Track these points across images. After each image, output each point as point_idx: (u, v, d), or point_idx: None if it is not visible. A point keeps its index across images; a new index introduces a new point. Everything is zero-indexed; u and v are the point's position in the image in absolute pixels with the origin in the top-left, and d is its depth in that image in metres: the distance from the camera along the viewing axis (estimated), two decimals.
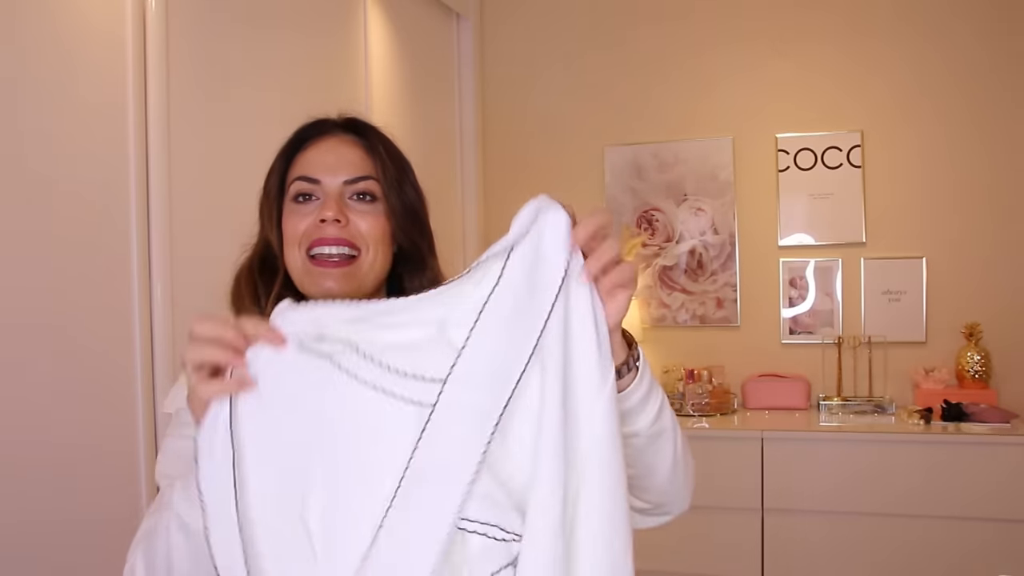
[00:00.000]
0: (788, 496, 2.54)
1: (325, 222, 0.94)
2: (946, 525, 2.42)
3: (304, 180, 0.97)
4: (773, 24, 3.03)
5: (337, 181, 0.96)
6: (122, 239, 1.59)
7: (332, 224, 0.94)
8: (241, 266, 1.03)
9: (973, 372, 2.75)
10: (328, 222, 0.94)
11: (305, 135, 1.01)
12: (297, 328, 0.76)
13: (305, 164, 0.98)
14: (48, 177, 1.45)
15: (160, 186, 1.65)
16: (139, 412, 1.62)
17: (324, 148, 0.98)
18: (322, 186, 0.96)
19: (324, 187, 0.96)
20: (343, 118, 1.03)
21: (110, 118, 1.57)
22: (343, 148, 0.98)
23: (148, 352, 1.63)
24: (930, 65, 2.89)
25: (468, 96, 3.18)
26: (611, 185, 3.19)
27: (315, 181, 0.96)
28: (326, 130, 1.01)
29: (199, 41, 1.79)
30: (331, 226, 0.94)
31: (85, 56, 1.52)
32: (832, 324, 2.98)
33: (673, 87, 3.14)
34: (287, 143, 1.02)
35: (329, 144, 0.99)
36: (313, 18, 2.24)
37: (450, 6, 3.03)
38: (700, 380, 2.87)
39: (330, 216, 0.93)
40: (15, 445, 1.37)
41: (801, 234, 3.02)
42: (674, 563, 2.63)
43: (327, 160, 0.97)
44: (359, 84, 2.44)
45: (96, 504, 1.52)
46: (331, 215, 0.93)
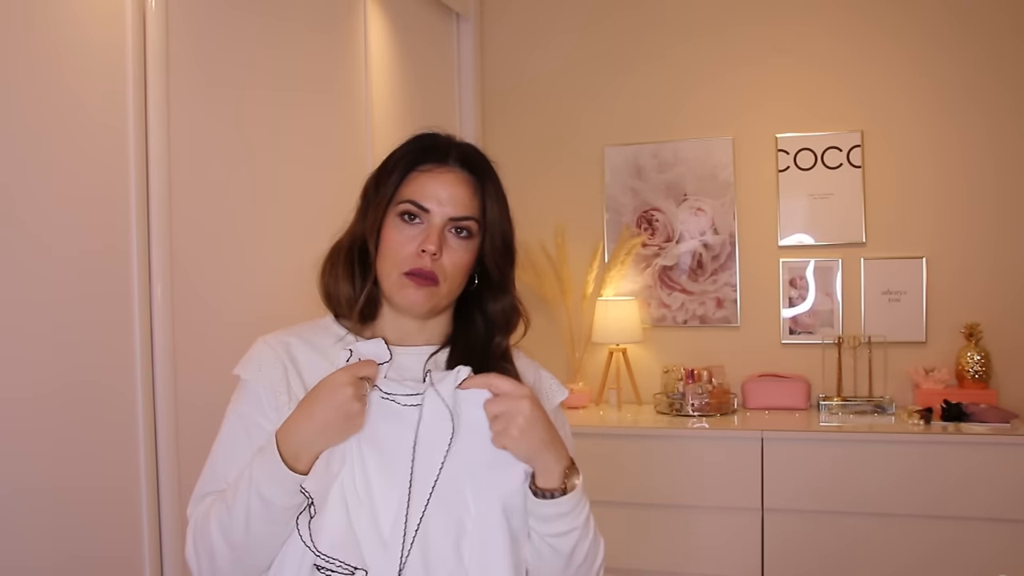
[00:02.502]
0: (788, 496, 2.54)
1: (424, 253, 1.05)
2: (946, 525, 2.42)
3: (415, 205, 1.07)
4: (773, 24, 3.03)
5: (444, 215, 1.07)
6: (122, 240, 1.59)
7: (429, 256, 1.05)
8: (339, 243, 1.13)
9: (973, 372, 2.75)
10: (427, 253, 1.05)
11: (426, 154, 1.10)
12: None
13: (420, 189, 1.08)
14: (48, 178, 1.44)
15: (160, 186, 1.65)
16: (139, 412, 1.62)
17: (440, 180, 1.08)
18: (430, 215, 1.07)
19: (431, 217, 1.07)
20: (459, 151, 1.12)
21: (110, 119, 1.57)
22: (457, 186, 1.09)
23: (148, 352, 1.63)
24: (930, 65, 2.89)
25: (468, 96, 3.18)
26: (611, 185, 3.19)
27: (425, 210, 1.07)
28: (445, 159, 1.10)
29: (199, 41, 1.79)
30: (427, 258, 1.05)
31: (85, 57, 1.52)
32: (832, 324, 2.98)
33: (673, 87, 3.14)
34: (408, 152, 1.11)
35: (446, 179, 1.08)
36: (313, 18, 2.24)
37: (450, 6, 3.04)
38: (700, 380, 2.87)
39: (430, 249, 1.05)
40: (15, 444, 1.37)
41: (801, 234, 3.02)
42: (674, 563, 2.63)
43: (440, 194, 1.07)
44: (359, 84, 2.44)
45: (97, 502, 1.52)
46: (431, 248, 1.05)
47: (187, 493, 1.65)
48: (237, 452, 1.04)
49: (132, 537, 1.60)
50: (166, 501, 1.65)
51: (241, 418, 1.06)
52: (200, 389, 1.71)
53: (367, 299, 1.10)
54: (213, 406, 1.19)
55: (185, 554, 1.04)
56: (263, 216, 1.98)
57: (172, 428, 1.66)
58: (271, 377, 1.05)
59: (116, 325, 1.58)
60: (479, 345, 1.12)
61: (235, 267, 1.88)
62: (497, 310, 1.14)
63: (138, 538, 1.61)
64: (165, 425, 1.65)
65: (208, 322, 1.77)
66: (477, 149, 1.15)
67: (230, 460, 1.04)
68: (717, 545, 2.59)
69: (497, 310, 1.14)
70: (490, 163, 1.14)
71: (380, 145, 2.47)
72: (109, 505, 1.55)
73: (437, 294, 1.07)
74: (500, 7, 3.32)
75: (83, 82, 1.52)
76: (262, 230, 1.97)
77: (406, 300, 1.06)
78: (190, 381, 1.70)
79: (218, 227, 1.83)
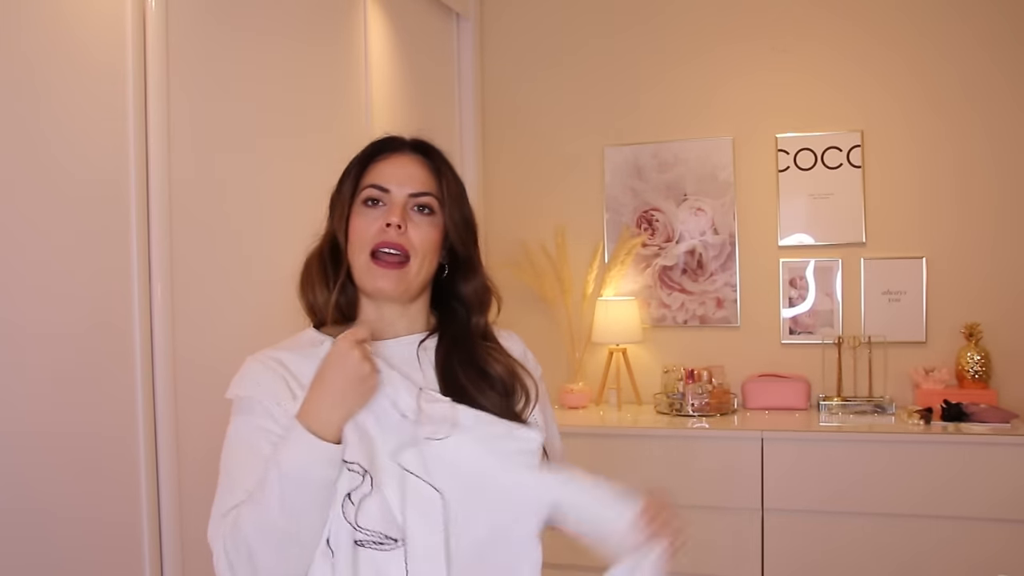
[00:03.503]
0: (788, 496, 2.54)
1: (389, 226, 1.09)
2: (946, 525, 2.42)
3: (375, 188, 1.13)
4: (773, 24, 3.03)
5: (403, 192, 1.12)
6: (122, 240, 1.59)
7: (394, 229, 1.09)
8: (312, 253, 1.17)
9: (973, 372, 2.75)
10: (392, 226, 1.09)
11: (380, 148, 1.17)
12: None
13: (378, 174, 1.14)
14: (48, 178, 1.44)
15: (160, 187, 1.65)
16: (139, 411, 1.61)
17: (396, 163, 1.15)
18: (390, 195, 1.12)
19: (392, 196, 1.12)
20: (413, 139, 1.19)
21: (110, 119, 1.57)
22: (412, 166, 1.15)
23: (148, 352, 1.63)
24: (930, 65, 2.89)
25: (468, 96, 3.18)
26: (611, 185, 3.19)
27: (385, 190, 1.12)
28: (399, 147, 1.17)
29: (199, 41, 1.79)
30: (393, 230, 1.09)
31: (85, 57, 1.52)
32: (832, 324, 2.98)
33: (673, 87, 3.14)
34: (364, 152, 1.18)
35: (400, 160, 1.15)
36: (313, 18, 2.24)
37: (450, 6, 3.04)
38: (700, 380, 2.87)
39: (394, 221, 1.09)
40: (15, 445, 1.37)
41: (801, 234, 3.02)
42: (674, 563, 2.63)
43: (397, 174, 1.13)
44: (359, 84, 2.44)
45: (96, 503, 1.52)
46: (395, 220, 1.09)
47: (187, 489, 1.67)
48: (256, 461, 1.01)
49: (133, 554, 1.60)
50: (166, 502, 1.65)
51: (254, 430, 1.04)
52: (201, 389, 1.70)
53: (349, 300, 1.14)
54: (214, 406, 1.19)
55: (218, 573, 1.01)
56: (263, 216, 1.98)
57: (172, 429, 1.66)
58: (272, 389, 1.05)
59: (116, 325, 1.57)
60: (462, 330, 1.17)
61: (235, 267, 1.87)
62: (469, 291, 1.18)
63: (139, 561, 1.61)
64: (165, 425, 1.65)
65: (208, 321, 1.77)
66: (430, 141, 1.20)
67: (249, 470, 1.02)
68: (717, 545, 2.59)
69: (469, 291, 1.18)
70: (441, 151, 1.20)
71: None
72: (107, 504, 1.55)
73: (407, 274, 1.10)
74: (500, 7, 3.31)
75: (83, 83, 1.51)
76: (262, 230, 1.97)
77: (374, 284, 1.09)
78: (191, 380, 1.70)
79: (218, 227, 1.83)
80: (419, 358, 1.13)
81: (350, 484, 0.98)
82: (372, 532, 0.97)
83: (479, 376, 1.12)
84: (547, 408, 1.24)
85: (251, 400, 1.06)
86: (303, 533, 0.98)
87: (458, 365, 1.12)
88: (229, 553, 0.98)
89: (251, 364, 1.09)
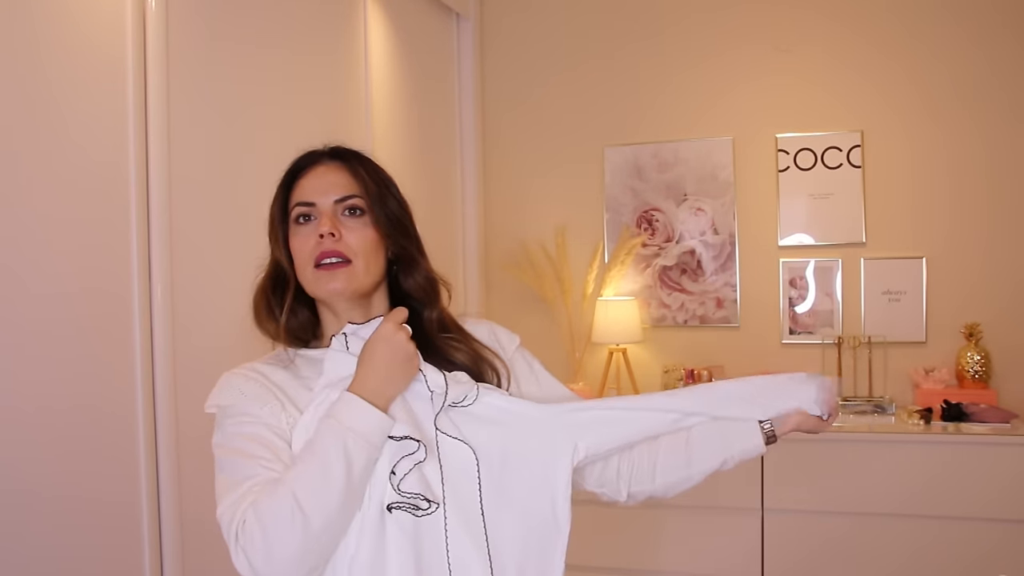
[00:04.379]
0: (788, 496, 2.54)
1: (323, 237, 1.10)
2: (946, 525, 2.42)
3: (302, 205, 1.13)
4: (773, 25, 3.03)
5: (328, 201, 1.13)
6: (122, 240, 1.59)
7: (328, 238, 1.10)
8: (258, 286, 1.18)
9: (973, 372, 2.75)
10: (325, 236, 1.10)
11: (299, 166, 1.18)
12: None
13: (301, 191, 1.15)
14: (49, 177, 1.45)
15: (160, 187, 1.65)
16: (139, 411, 1.62)
17: (315, 175, 1.15)
18: (317, 207, 1.13)
19: (319, 208, 1.13)
20: (329, 148, 1.19)
21: (110, 119, 1.57)
22: (331, 174, 1.15)
23: (148, 352, 1.63)
24: (930, 65, 2.89)
25: (468, 96, 3.18)
26: (611, 185, 3.19)
27: (311, 204, 1.13)
28: (316, 160, 1.17)
29: (199, 41, 1.79)
30: (328, 240, 1.10)
31: (85, 57, 1.52)
32: (832, 324, 2.98)
33: (673, 87, 3.14)
34: (285, 175, 1.19)
35: (319, 171, 1.16)
36: (313, 18, 2.24)
37: (450, 6, 3.04)
38: (700, 380, 2.87)
39: (326, 230, 1.10)
40: (16, 441, 1.37)
41: (801, 234, 3.02)
42: (674, 563, 2.63)
43: (318, 185, 1.14)
44: (359, 84, 2.44)
45: (96, 494, 1.52)
46: (326, 229, 1.10)
47: (187, 494, 1.67)
48: (256, 450, 1.01)
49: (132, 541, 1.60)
50: (166, 502, 1.65)
51: (247, 426, 1.04)
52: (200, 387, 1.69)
53: (298, 322, 1.15)
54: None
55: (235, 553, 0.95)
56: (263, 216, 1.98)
57: (173, 429, 1.66)
58: (257, 394, 1.06)
59: (116, 324, 1.57)
60: (418, 327, 1.14)
61: (235, 267, 1.87)
62: (412, 285, 1.17)
63: (138, 544, 1.61)
64: (165, 426, 1.65)
65: (208, 321, 1.77)
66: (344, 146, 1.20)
67: (253, 460, 1.00)
68: (717, 545, 2.59)
69: (412, 285, 1.17)
70: (359, 151, 1.20)
71: (380, 145, 2.47)
72: (108, 505, 1.55)
73: (354, 273, 1.10)
74: (500, 7, 3.31)
75: (83, 81, 1.51)
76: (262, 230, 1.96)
77: (325, 289, 1.10)
78: (191, 380, 1.70)
79: (219, 227, 1.83)
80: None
81: (400, 452, 1.01)
82: (412, 495, 0.99)
83: (444, 365, 1.11)
84: (538, 373, 1.24)
85: (235, 407, 1.06)
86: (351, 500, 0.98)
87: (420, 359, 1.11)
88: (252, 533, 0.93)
89: (229, 377, 1.09)
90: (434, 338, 1.15)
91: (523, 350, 1.25)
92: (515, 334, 1.26)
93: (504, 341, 1.23)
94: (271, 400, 1.05)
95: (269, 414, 1.04)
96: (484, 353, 1.17)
